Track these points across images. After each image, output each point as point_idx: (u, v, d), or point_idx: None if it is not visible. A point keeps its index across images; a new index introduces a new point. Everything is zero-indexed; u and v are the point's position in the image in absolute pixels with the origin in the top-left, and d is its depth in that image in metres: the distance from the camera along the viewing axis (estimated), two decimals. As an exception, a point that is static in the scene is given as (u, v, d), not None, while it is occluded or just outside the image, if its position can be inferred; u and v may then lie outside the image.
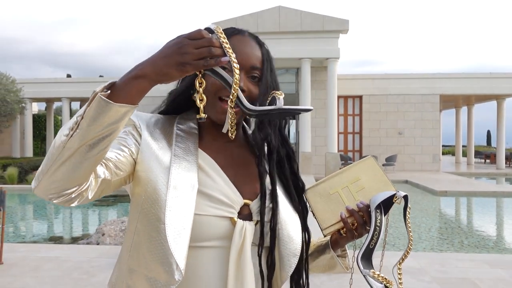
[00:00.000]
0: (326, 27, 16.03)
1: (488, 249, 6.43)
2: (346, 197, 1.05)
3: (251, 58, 0.99)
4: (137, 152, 0.94)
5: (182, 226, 0.85)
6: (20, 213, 9.89)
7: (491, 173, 20.09)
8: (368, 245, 0.99)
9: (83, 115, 0.76)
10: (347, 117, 20.09)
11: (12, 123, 23.08)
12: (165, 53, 0.77)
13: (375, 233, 0.98)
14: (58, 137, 0.79)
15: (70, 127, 0.77)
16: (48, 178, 0.80)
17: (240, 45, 0.98)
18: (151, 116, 1.02)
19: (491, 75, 20.24)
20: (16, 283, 4.23)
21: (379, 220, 0.99)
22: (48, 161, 0.79)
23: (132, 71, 0.78)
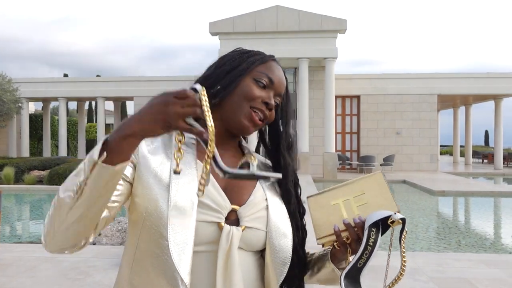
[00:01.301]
0: (324, 26, 16.04)
1: (485, 249, 6.43)
2: (345, 210, 1.03)
3: (282, 85, 1.08)
4: (133, 173, 0.94)
5: (185, 242, 0.87)
6: (16, 213, 9.85)
7: (489, 173, 20.13)
8: (355, 264, 0.95)
9: (86, 181, 0.79)
10: (345, 117, 20.10)
11: (9, 122, 23.03)
12: (151, 111, 0.77)
13: (365, 252, 0.94)
14: (61, 200, 0.82)
15: (74, 191, 0.80)
16: (58, 238, 0.85)
17: (277, 70, 1.08)
18: None
19: (489, 75, 20.28)
20: (12, 283, 4.20)
21: (373, 239, 0.95)
22: (55, 223, 0.84)
23: (122, 130, 0.79)
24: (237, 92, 1.01)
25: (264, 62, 1.06)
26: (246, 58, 1.05)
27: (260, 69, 1.04)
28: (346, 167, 19.48)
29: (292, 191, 1.07)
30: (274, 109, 1.06)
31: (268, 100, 1.02)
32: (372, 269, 1.03)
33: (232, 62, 1.05)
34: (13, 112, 21.32)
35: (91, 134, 34.49)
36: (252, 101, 1.01)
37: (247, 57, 1.06)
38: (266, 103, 1.02)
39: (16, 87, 20.90)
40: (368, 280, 1.00)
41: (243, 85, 1.01)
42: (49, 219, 0.85)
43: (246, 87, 1.01)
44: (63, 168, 13.28)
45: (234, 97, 1.01)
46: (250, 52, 1.08)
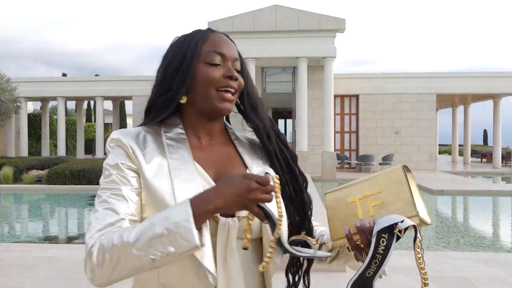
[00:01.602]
0: (323, 26, 16.04)
1: (484, 248, 6.44)
2: (361, 210, 0.93)
3: (233, 51, 1.05)
4: (138, 181, 0.95)
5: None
6: (15, 213, 9.84)
7: (488, 172, 20.16)
8: (363, 273, 0.86)
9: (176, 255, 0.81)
10: (344, 116, 20.10)
11: (7, 122, 22.98)
12: (235, 192, 0.84)
13: (375, 261, 0.85)
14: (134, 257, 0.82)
15: (158, 256, 0.81)
16: (114, 280, 0.86)
17: (221, 40, 1.04)
18: (137, 132, 1.02)
19: (487, 74, 20.30)
20: (11, 282, 4.20)
21: (383, 246, 0.84)
22: (115, 271, 0.84)
23: (205, 206, 0.84)
24: (198, 82, 1.00)
25: (206, 40, 1.02)
26: (187, 46, 1.02)
27: (206, 49, 1.01)
28: (345, 166, 19.49)
29: (274, 155, 1.06)
30: (240, 74, 1.05)
31: (229, 73, 1.00)
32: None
33: (177, 56, 1.02)
34: (12, 112, 21.27)
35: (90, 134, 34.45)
36: (216, 83, 1.00)
37: (188, 44, 1.02)
38: (229, 77, 1.00)
39: (14, 87, 20.86)
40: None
41: (199, 73, 1.00)
42: (103, 267, 0.84)
43: (203, 74, 0.99)
44: (61, 167, 13.26)
45: (198, 88, 1.01)
46: (187, 38, 1.05)
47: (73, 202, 11.02)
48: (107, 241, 0.84)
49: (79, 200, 11.11)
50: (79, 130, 26.36)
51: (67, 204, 10.82)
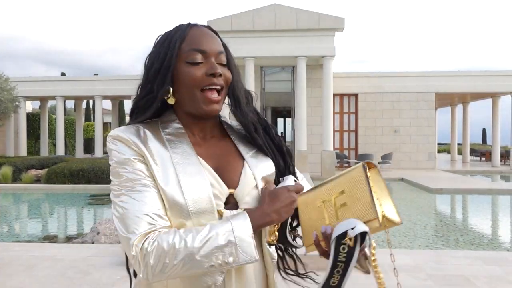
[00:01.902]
0: (322, 25, 16.03)
1: (483, 246, 6.45)
2: (327, 213, 0.88)
3: (216, 44, 1.01)
4: (150, 172, 0.95)
5: None
6: (14, 212, 9.84)
7: (487, 171, 20.18)
8: (326, 282, 0.81)
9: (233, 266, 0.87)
10: (343, 115, 20.11)
11: (6, 122, 22.94)
12: (285, 205, 0.93)
13: (336, 269, 0.80)
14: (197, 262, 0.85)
15: (219, 265, 0.86)
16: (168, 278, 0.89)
17: (201, 35, 1.01)
18: (137, 128, 1.01)
19: (486, 73, 20.31)
20: (10, 282, 4.20)
21: (344, 253, 0.79)
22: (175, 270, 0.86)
23: (263, 220, 0.92)
24: (181, 84, 0.98)
25: (185, 37, 0.99)
26: (167, 45, 0.99)
27: (186, 47, 0.98)
28: (344, 165, 19.49)
29: (263, 144, 1.08)
30: (227, 67, 1.02)
31: (211, 71, 0.97)
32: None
33: (158, 57, 1.00)
34: (11, 111, 21.23)
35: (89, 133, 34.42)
36: (199, 83, 0.97)
37: (168, 43, 0.99)
38: (211, 74, 0.97)
39: (13, 86, 20.82)
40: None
41: (181, 74, 0.97)
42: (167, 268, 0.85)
43: (185, 75, 0.97)
44: (61, 167, 13.25)
45: (181, 89, 0.99)
46: (168, 36, 1.01)
47: (72, 201, 11.02)
48: (166, 244, 0.85)
49: (78, 200, 11.11)
50: (78, 129, 26.34)
51: (66, 204, 10.82)
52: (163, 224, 0.89)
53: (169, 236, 0.86)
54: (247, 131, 1.08)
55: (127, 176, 0.93)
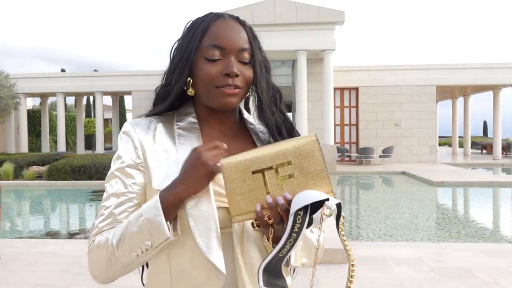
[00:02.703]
0: (322, 18, 15.97)
1: (485, 239, 6.45)
2: (270, 183, 0.82)
3: (238, 40, 0.97)
4: (143, 181, 0.96)
5: (209, 229, 0.88)
6: (16, 209, 9.85)
7: (488, 164, 20.17)
8: (277, 253, 0.79)
9: (154, 248, 0.88)
10: (344, 109, 20.08)
11: (7, 118, 22.96)
12: (191, 171, 0.85)
13: (290, 240, 0.78)
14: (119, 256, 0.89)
15: (140, 252, 0.88)
16: (110, 278, 0.94)
17: (223, 29, 0.97)
18: (148, 123, 1.01)
19: (487, 65, 20.25)
20: (14, 277, 4.21)
21: (299, 225, 0.77)
22: (108, 270, 0.91)
23: (171, 196, 0.86)
24: (198, 79, 0.97)
25: (207, 30, 0.96)
26: (190, 37, 0.97)
27: (206, 41, 0.95)
28: (345, 159, 19.49)
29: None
30: (250, 65, 0.98)
31: (226, 71, 0.93)
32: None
33: (181, 48, 0.99)
34: (11, 108, 21.24)
35: (90, 129, 34.43)
36: (214, 82, 0.95)
37: (192, 34, 0.97)
38: (227, 74, 0.94)
39: (13, 83, 20.81)
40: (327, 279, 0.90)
41: (198, 69, 0.96)
42: (97, 265, 0.92)
43: (201, 71, 0.95)
44: (62, 163, 13.26)
45: (199, 85, 0.97)
46: (193, 26, 0.99)
47: (74, 197, 11.03)
48: (97, 244, 0.92)
49: (80, 196, 11.12)
50: (79, 125, 26.34)
51: (68, 200, 10.83)
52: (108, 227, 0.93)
53: (102, 236, 0.92)
54: (270, 133, 1.03)
55: (116, 175, 0.97)
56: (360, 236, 6.63)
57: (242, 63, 0.97)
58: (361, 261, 4.58)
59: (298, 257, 0.97)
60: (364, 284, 3.96)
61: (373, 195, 11.19)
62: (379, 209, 8.84)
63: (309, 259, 1.00)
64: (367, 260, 4.63)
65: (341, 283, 3.99)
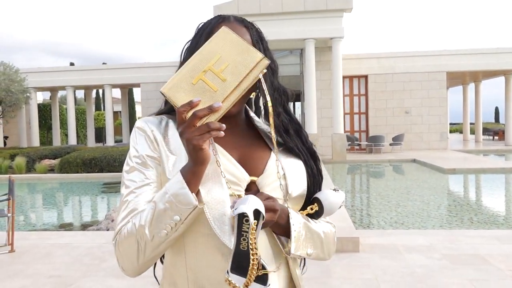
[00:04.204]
0: (330, 6, 15.79)
1: (498, 225, 6.40)
2: (212, 82, 0.87)
3: None
4: (158, 167, 0.99)
5: (223, 214, 0.92)
6: (29, 202, 9.99)
7: (500, 150, 19.96)
8: (237, 248, 0.84)
9: (183, 221, 0.88)
10: (353, 97, 19.94)
11: (18, 113, 23.18)
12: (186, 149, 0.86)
13: (243, 238, 0.84)
14: (148, 237, 0.90)
15: (169, 229, 0.89)
16: (142, 269, 0.95)
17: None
18: (160, 120, 1.05)
19: (499, 50, 19.92)
20: (28, 270, 4.27)
21: (247, 224, 0.84)
22: (139, 258, 0.92)
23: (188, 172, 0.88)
24: None
25: (211, 32, 1.00)
26: (198, 39, 1.03)
27: None
28: (355, 147, 19.41)
29: (295, 147, 1.06)
30: None
31: None
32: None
33: (190, 48, 1.04)
34: (22, 102, 21.43)
35: (100, 122, 34.66)
36: None
37: (199, 36, 1.03)
38: None
39: (23, 77, 20.97)
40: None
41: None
42: (127, 255, 0.93)
43: None
44: (73, 156, 13.38)
45: None
46: (201, 29, 1.05)
47: (86, 190, 11.15)
48: (125, 233, 0.92)
49: (91, 188, 11.23)
50: (89, 118, 26.51)
51: (80, 192, 10.95)
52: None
53: (129, 222, 0.93)
54: (277, 133, 1.05)
55: (133, 166, 0.99)
56: (371, 224, 6.61)
57: None
58: (372, 249, 4.58)
59: (301, 247, 0.99)
60: (376, 272, 3.96)
61: (384, 183, 11.14)
62: (390, 197, 8.80)
63: (315, 249, 1.03)
64: (378, 248, 4.62)
65: (353, 271, 3.99)
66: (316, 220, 1.06)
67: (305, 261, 1.16)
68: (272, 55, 1.06)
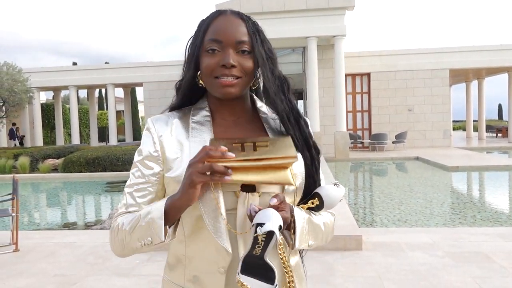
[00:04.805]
0: (332, 4, 15.77)
1: (501, 223, 6.39)
2: (247, 149, 0.94)
3: (235, 33, 1.03)
4: (160, 166, 1.07)
5: (215, 211, 0.98)
6: (33, 201, 10.02)
7: (503, 147, 19.89)
8: (249, 253, 0.88)
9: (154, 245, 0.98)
10: (355, 95, 19.91)
11: (21, 113, 23.27)
12: (184, 182, 0.93)
13: (257, 245, 0.88)
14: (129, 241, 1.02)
15: (142, 244, 0.99)
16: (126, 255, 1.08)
17: (223, 24, 1.04)
18: (167, 118, 1.11)
19: (502, 47, 19.83)
20: (33, 268, 4.30)
21: (264, 234, 0.88)
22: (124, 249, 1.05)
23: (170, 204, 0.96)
24: (202, 71, 1.05)
25: (209, 27, 1.04)
26: (197, 33, 1.07)
27: (207, 36, 1.04)
28: (358, 145, 19.39)
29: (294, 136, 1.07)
30: (250, 56, 1.03)
31: (222, 62, 1.00)
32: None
33: (191, 44, 1.09)
34: (25, 102, 21.49)
35: (103, 121, 34.73)
36: (212, 72, 1.02)
37: (198, 31, 1.07)
38: (223, 65, 1.01)
39: (26, 77, 21.03)
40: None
41: (201, 62, 1.05)
42: (116, 243, 1.06)
43: (203, 63, 1.04)
44: (76, 155, 13.42)
45: (203, 77, 1.06)
46: (200, 25, 1.08)
47: (89, 189, 11.18)
48: (117, 225, 1.04)
49: (95, 187, 11.27)
50: (92, 118, 26.57)
51: (83, 192, 10.99)
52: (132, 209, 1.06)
53: (123, 220, 1.04)
54: (281, 119, 1.09)
55: (138, 166, 1.09)
56: (374, 222, 6.61)
57: (241, 54, 1.03)
58: (375, 247, 4.58)
59: (304, 240, 1.02)
60: (379, 269, 3.96)
61: (387, 181, 11.13)
62: (393, 195, 8.80)
63: (315, 240, 1.07)
64: (381, 246, 4.63)
65: (356, 269, 4.00)
66: (316, 213, 1.09)
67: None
68: (270, 46, 1.09)
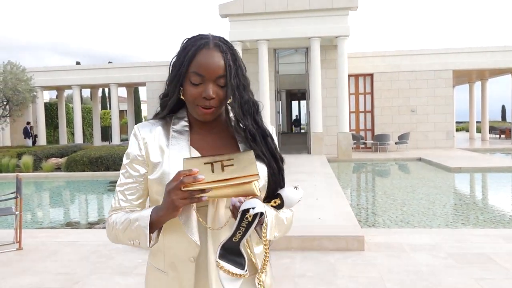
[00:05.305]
0: (335, 4, 15.76)
1: (504, 224, 6.38)
2: (215, 169, 1.04)
3: (215, 70, 1.18)
4: (145, 168, 1.24)
5: (188, 213, 1.15)
6: (36, 200, 10.06)
7: (506, 148, 19.82)
8: (230, 238, 1.07)
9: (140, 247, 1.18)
10: (358, 96, 19.89)
11: (25, 112, 23.31)
12: (164, 201, 1.09)
13: (238, 231, 1.06)
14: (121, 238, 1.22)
15: (131, 244, 1.19)
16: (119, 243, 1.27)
17: (205, 59, 1.18)
18: (151, 126, 1.27)
19: (506, 48, 19.76)
20: (36, 267, 4.32)
21: (246, 221, 1.04)
22: (116, 240, 1.24)
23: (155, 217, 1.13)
24: (185, 96, 1.22)
25: (194, 58, 1.18)
26: (183, 58, 1.20)
27: (192, 69, 1.18)
28: (360, 146, 19.37)
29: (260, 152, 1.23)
30: (224, 87, 1.19)
31: (204, 94, 1.17)
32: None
33: (176, 65, 1.22)
34: (28, 101, 21.55)
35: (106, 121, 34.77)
36: (195, 101, 1.19)
37: (184, 56, 1.20)
38: (204, 98, 1.18)
39: (30, 76, 21.09)
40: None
41: (185, 89, 1.21)
42: (111, 236, 1.25)
43: (187, 92, 1.20)
44: (80, 155, 13.46)
45: (186, 100, 1.23)
46: (186, 47, 1.21)
47: (92, 188, 11.22)
48: (112, 223, 1.23)
49: (98, 186, 11.30)
50: (95, 117, 26.62)
51: (86, 191, 11.02)
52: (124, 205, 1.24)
53: (116, 218, 1.22)
54: (247, 139, 1.25)
55: (126, 168, 1.27)
56: (377, 223, 6.61)
57: (219, 86, 1.19)
58: (377, 248, 4.58)
59: (272, 232, 1.18)
60: (381, 270, 3.97)
61: (389, 182, 11.12)
62: (395, 196, 8.79)
63: (279, 233, 1.23)
64: (383, 247, 4.63)
65: (358, 270, 4.00)
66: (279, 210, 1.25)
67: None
68: (243, 71, 1.24)
